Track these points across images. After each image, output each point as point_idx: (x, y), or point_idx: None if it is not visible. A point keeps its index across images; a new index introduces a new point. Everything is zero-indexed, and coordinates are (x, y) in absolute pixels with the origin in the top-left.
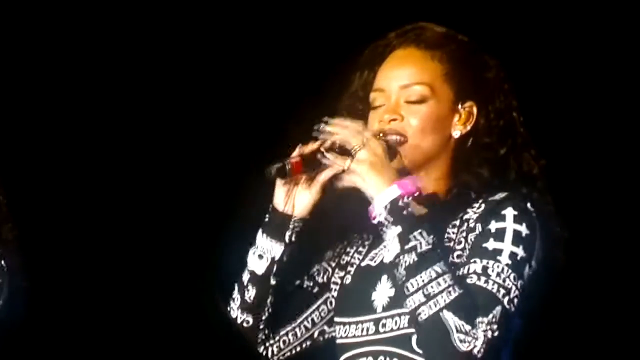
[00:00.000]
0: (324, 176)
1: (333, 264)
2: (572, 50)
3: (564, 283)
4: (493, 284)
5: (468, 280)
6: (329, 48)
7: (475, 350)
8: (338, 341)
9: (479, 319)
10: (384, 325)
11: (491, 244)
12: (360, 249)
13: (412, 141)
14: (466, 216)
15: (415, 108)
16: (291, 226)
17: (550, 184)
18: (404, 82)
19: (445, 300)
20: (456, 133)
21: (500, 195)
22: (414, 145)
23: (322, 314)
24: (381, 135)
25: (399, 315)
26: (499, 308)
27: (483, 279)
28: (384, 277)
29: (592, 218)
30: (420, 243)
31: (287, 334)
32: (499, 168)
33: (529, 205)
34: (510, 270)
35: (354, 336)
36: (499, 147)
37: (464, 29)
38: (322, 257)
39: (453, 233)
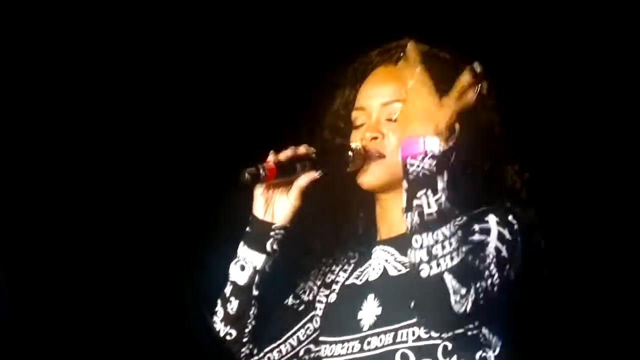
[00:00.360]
0: (300, 182)
1: (318, 283)
2: (555, 65)
3: (546, 296)
4: (481, 265)
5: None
6: (310, 66)
7: (468, 310)
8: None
9: (472, 285)
10: (369, 343)
11: (477, 237)
12: (346, 267)
13: (393, 158)
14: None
15: (395, 126)
16: (272, 234)
17: (534, 197)
18: (385, 100)
19: (447, 265)
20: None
21: (482, 209)
22: (395, 162)
23: (308, 332)
24: (363, 152)
25: (385, 332)
26: (483, 284)
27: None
28: (371, 296)
29: (575, 231)
30: (428, 203)
31: (272, 350)
32: (482, 183)
33: (510, 217)
34: (495, 261)
35: (339, 355)
36: (481, 162)
37: (449, 44)
38: (308, 276)
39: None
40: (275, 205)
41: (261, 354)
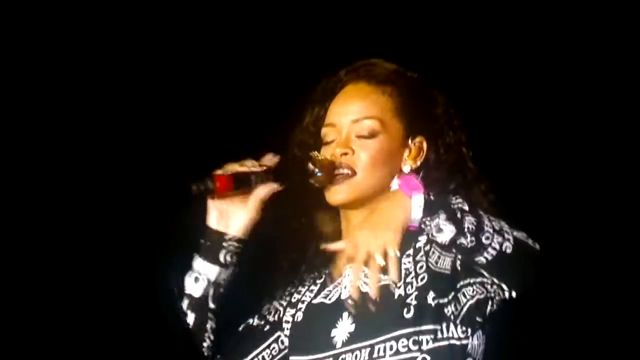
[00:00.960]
0: (259, 192)
1: (284, 303)
2: (521, 85)
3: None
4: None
5: (507, 251)
6: (278, 85)
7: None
8: None
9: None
10: None
11: (466, 223)
12: (312, 287)
13: (362, 175)
14: (418, 245)
15: (366, 142)
16: (224, 245)
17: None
18: (355, 117)
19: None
20: (406, 168)
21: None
22: (363, 179)
23: (274, 353)
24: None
25: (360, 349)
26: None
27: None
28: (345, 314)
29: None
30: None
31: None
32: (446, 203)
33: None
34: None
35: None
36: (448, 182)
37: (414, 66)
38: (273, 296)
39: (408, 262)
40: (230, 216)
41: None
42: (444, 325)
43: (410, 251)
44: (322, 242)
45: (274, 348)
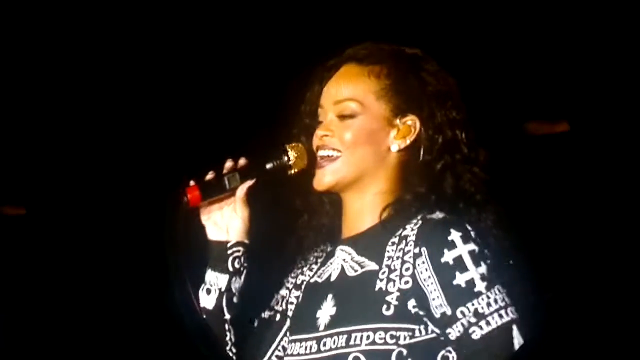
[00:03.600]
0: (239, 193)
1: (290, 286)
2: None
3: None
4: (494, 318)
5: (474, 336)
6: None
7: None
8: (286, 359)
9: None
10: (324, 344)
11: (459, 279)
12: (313, 266)
13: (345, 155)
14: (404, 233)
15: (346, 123)
16: (229, 252)
17: (491, 199)
18: (337, 98)
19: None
20: (394, 147)
21: (437, 215)
22: (346, 160)
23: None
24: (317, 150)
25: (338, 334)
26: (514, 327)
27: (483, 323)
28: (330, 296)
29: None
30: None
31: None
32: (436, 183)
33: (466, 225)
34: (492, 291)
35: (299, 354)
36: (436, 162)
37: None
38: (281, 285)
39: (392, 251)
40: (225, 224)
41: None
42: (422, 327)
43: (396, 239)
44: (323, 225)
45: (287, 334)
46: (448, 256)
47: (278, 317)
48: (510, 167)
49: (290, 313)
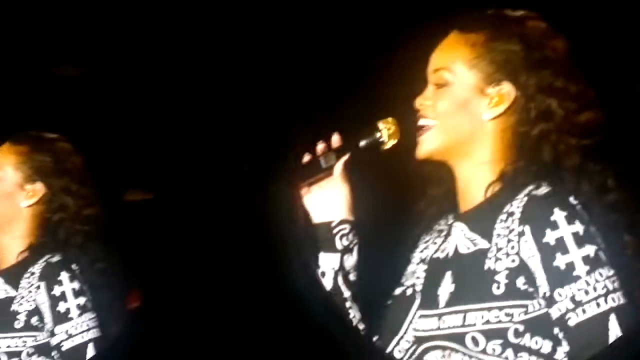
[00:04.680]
0: (337, 170)
1: (418, 261)
2: None
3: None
4: (590, 306)
5: (569, 323)
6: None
7: None
8: (414, 334)
9: None
10: (443, 322)
11: (559, 261)
12: (437, 240)
13: (441, 124)
14: (511, 209)
15: (440, 92)
16: (335, 232)
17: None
18: (434, 67)
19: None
20: (487, 116)
21: (543, 190)
22: (441, 129)
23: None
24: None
25: (455, 313)
26: (613, 317)
27: (579, 311)
28: (449, 272)
29: None
30: None
31: (398, 343)
32: (535, 154)
33: (571, 198)
34: (592, 276)
35: (423, 330)
36: (534, 130)
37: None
38: (408, 260)
39: (500, 228)
40: (326, 204)
41: (390, 348)
42: (535, 302)
43: (503, 217)
44: (440, 198)
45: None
46: (550, 237)
47: (409, 292)
48: (624, 131)
49: (419, 288)
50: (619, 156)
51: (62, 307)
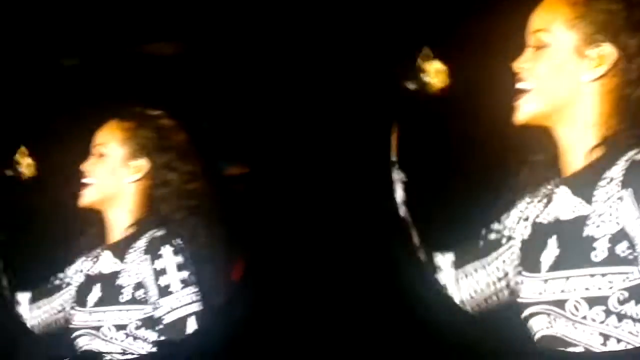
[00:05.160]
0: None
1: (518, 218)
2: None
3: None
4: None
5: None
6: None
7: None
8: (518, 299)
9: None
10: (546, 288)
11: None
12: (539, 204)
13: (539, 87)
14: (611, 174)
15: (538, 54)
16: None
17: None
18: (533, 28)
19: None
20: (585, 77)
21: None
22: (538, 92)
23: (511, 258)
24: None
25: (558, 279)
26: None
27: None
28: (553, 237)
29: None
30: None
31: (475, 269)
32: (638, 115)
33: None
34: None
35: (526, 292)
36: (636, 92)
37: None
38: (510, 206)
39: (600, 194)
40: None
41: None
42: (638, 268)
43: (604, 182)
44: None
45: (510, 256)
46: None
47: (504, 240)
48: None
49: (517, 244)
50: None
51: (165, 280)
